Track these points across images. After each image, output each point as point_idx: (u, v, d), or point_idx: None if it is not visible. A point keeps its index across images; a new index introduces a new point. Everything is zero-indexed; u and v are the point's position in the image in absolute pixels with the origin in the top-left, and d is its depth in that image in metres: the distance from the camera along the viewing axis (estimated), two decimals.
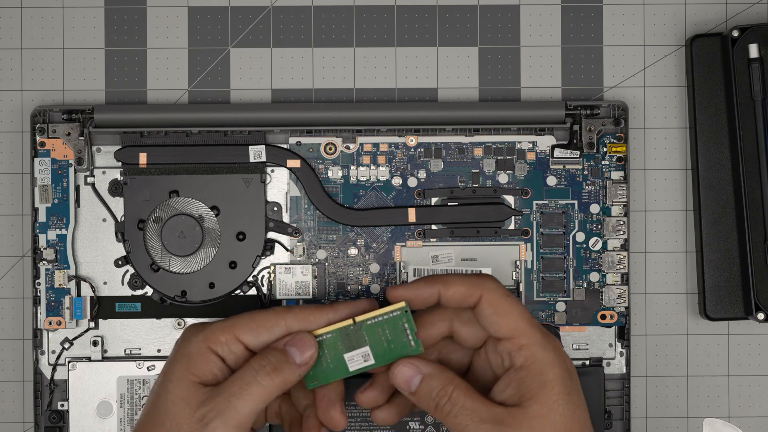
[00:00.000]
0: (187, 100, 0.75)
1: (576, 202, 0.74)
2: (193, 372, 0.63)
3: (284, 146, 0.73)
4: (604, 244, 0.74)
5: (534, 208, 0.74)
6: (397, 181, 0.74)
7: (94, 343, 0.73)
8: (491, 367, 0.66)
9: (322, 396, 0.66)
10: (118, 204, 0.73)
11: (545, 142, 0.74)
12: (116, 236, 0.73)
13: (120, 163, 0.73)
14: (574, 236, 0.74)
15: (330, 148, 0.74)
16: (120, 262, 0.73)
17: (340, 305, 0.66)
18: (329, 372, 0.65)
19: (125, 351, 0.73)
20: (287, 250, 0.73)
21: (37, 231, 0.73)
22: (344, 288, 0.73)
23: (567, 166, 0.74)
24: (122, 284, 0.73)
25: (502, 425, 0.62)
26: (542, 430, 0.62)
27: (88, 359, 0.73)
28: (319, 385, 0.66)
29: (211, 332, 0.64)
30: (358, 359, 0.65)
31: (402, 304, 0.65)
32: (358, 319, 0.65)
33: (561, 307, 0.74)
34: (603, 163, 0.74)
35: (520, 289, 0.74)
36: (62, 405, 0.73)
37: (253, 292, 0.73)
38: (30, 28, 0.75)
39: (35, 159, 0.73)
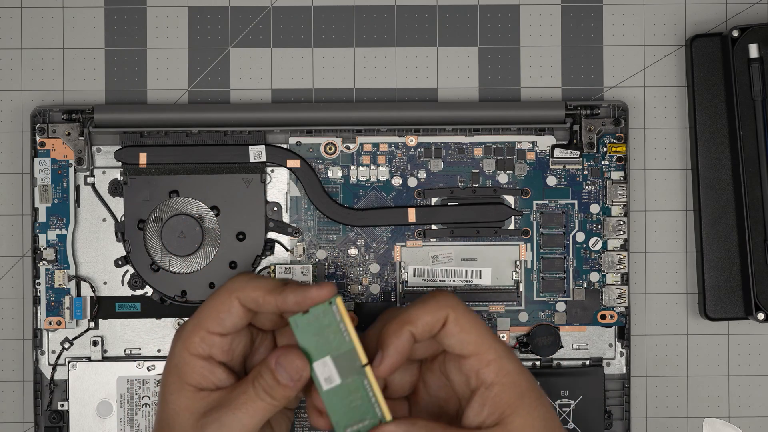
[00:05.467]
0: (187, 100, 0.75)
1: (576, 202, 0.74)
2: (186, 381, 0.62)
3: (284, 146, 0.73)
4: (604, 244, 0.74)
5: (534, 208, 0.74)
6: (397, 181, 0.74)
7: (94, 343, 0.73)
8: (453, 388, 0.64)
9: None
10: (118, 204, 0.73)
11: (545, 142, 0.74)
12: (116, 236, 0.73)
13: (120, 163, 0.73)
14: (574, 236, 0.74)
15: (330, 148, 0.74)
16: (120, 262, 0.73)
17: (300, 290, 0.62)
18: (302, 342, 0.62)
19: (125, 351, 0.73)
20: (287, 250, 0.73)
21: (37, 231, 0.73)
22: (344, 288, 0.73)
23: (567, 166, 0.74)
24: (122, 284, 0.73)
25: None
26: None
27: (88, 359, 0.73)
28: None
29: (187, 337, 0.63)
30: (323, 372, 0.62)
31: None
32: (366, 364, 0.62)
33: (561, 307, 0.74)
34: (603, 163, 0.74)
35: (520, 289, 0.74)
36: (62, 405, 0.73)
37: None
38: (30, 28, 0.75)
39: (35, 159, 0.73)
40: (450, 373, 0.64)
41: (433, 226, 0.74)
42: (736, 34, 0.72)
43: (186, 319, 0.73)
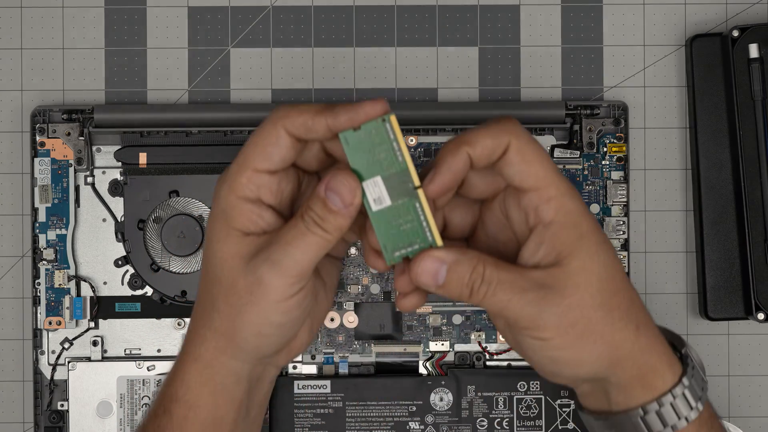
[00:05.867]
0: (187, 100, 0.75)
1: None
2: (234, 227, 0.58)
3: None
4: None
5: None
6: None
7: (94, 343, 0.73)
8: (512, 227, 0.59)
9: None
10: (118, 204, 0.73)
11: (545, 142, 0.74)
12: (116, 236, 0.73)
13: (120, 163, 0.73)
14: None
15: None
16: (120, 262, 0.73)
17: (345, 108, 0.57)
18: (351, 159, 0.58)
19: (125, 351, 0.73)
20: None
21: (37, 231, 0.73)
22: (344, 288, 0.73)
23: (567, 166, 0.74)
24: (122, 284, 0.73)
25: (545, 288, 0.56)
26: (588, 284, 0.56)
27: (88, 359, 0.73)
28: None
29: (232, 178, 0.58)
30: (373, 192, 0.58)
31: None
32: (418, 186, 0.57)
33: None
34: (603, 163, 0.74)
35: None
36: (62, 405, 0.73)
37: None
38: (30, 28, 0.75)
39: (35, 159, 0.73)
40: (509, 210, 0.59)
41: None
42: (736, 34, 0.72)
43: (185, 323, 0.73)
